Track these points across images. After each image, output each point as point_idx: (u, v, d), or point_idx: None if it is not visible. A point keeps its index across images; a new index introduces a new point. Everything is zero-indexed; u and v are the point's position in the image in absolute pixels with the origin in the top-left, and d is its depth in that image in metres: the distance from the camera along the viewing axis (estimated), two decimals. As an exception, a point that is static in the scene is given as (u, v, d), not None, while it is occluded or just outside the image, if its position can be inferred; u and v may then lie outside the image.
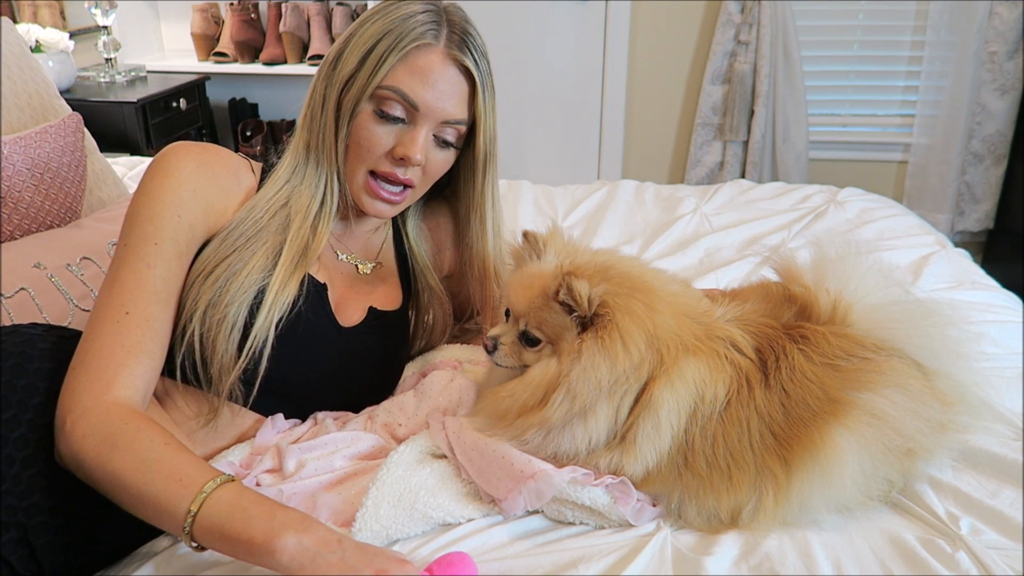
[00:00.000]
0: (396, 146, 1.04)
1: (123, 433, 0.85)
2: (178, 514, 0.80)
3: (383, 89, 1.02)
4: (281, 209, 1.05)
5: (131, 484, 0.83)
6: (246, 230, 1.02)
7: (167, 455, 0.84)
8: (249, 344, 0.99)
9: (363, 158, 1.05)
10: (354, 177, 1.07)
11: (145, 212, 0.98)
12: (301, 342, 1.04)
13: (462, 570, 0.81)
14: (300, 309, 1.03)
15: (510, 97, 3.45)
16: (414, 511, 0.91)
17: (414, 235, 1.24)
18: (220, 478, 0.82)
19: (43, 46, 2.66)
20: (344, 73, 1.04)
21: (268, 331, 1.00)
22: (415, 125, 1.04)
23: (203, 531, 0.80)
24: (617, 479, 0.92)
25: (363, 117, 1.04)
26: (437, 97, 1.03)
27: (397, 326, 1.19)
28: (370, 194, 1.08)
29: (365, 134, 1.04)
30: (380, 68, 1.01)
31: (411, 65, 1.02)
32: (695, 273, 1.64)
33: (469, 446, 0.96)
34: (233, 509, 0.79)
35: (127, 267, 0.96)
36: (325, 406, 1.12)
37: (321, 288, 1.09)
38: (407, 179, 1.07)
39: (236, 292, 0.98)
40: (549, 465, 0.92)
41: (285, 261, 1.03)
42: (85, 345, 0.93)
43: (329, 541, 0.76)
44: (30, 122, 1.63)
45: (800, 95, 3.14)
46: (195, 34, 3.41)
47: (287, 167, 1.08)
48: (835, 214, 1.91)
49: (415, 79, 1.02)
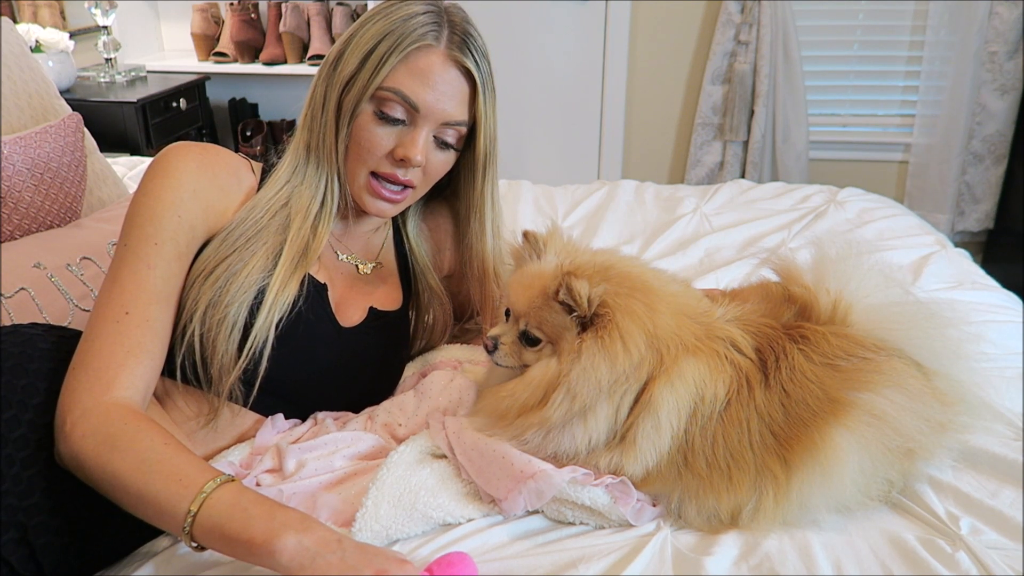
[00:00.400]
0: (396, 147, 1.04)
1: (123, 433, 0.85)
2: (178, 514, 0.80)
3: (383, 90, 1.02)
4: (281, 209, 1.05)
5: (131, 484, 0.83)
6: (246, 230, 1.02)
7: (167, 455, 0.84)
8: (249, 344, 0.99)
9: (364, 159, 1.05)
10: (355, 178, 1.07)
11: (145, 212, 0.98)
12: (301, 342, 1.04)
13: (462, 570, 0.81)
14: (300, 309, 1.03)
15: (510, 97, 3.45)
16: (414, 511, 0.91)
17: (414, 235, 1.24)
18: (220, 478, 0.82)
19: (43, 46, 2.66)
20: (345, 74, 1.03)
21: (268, 331, 1.00)
22: (415, 126, 1.04)
23: (203, 531, 0.80)
24: (617, 479, 0.92)
25: (363, 118, 1.04)
26: (437, 98, 1.03)
27: (397, 326, 1.19)
28: (372, 194, 1.08)
29: (365, 135, 1.04)
30: (380, 69, 1.01)
31: (412, 66, 1.02)
32: (695, 273, 1.64)
33: (469, 446, 0.96)
34: (233, 509, 0.79)
35: (127, 267, 0.96)
36: (325, 406, 1.12)
37: (321, 288, 1.09)
38: (407, 180, 1.07)
39: (236, 292, 0.98)
40: (549, 465, 0.92)
41: (285, 261, 1.03)
42: (85, 345, 0.93)
43: (329, 541, 0.76)
44: (30, 122, 1.63)
45: (800, 95, 3.14)
46: (195, 34, 3.41)
47: (287, 167, 1.07)
48: (835, 214, 1.91)
49: (416, 80, 1.02)
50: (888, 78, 3.25)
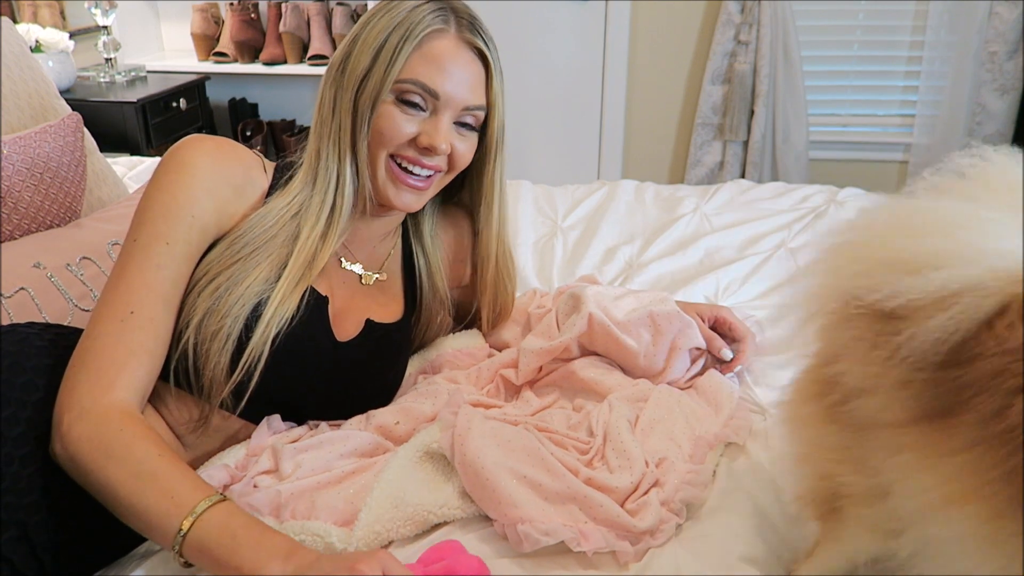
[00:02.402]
0: (420, 135, 1.03)
1: (119, 441, 0.85)
2: (168, 532, 0.81)
3: (401, 82, 1.01)
4: (291, 220, 1.04)
5: (123, 495, 0.83)
6: (254, 238, 1.01)
7: (161, 469, 0.84)
8: (244, 358, 0.97)
9: (384, 144, 1.04)
10: (377, 167, 1.05)
11: (158, 208, 0.97)
12: (295, 356, 1.03)
13: (453, 558, 0.81)
14: (297, 323, 1.01)
15: (510, 97, 3.44)
16: (412, 511, 0.91)
17: (429, 244, 1.23)
18: (212, 498, 0.82)
19: (43, 46, 2.66)
20: (357, 73, 1.03)
21: (264, 346, 0.98)
22: (437, 114, 1.04)
23: (192, 551, 0.80)
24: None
25: (383, 108, 1.03)
26: (456, 84, 1.03)
27: (395, 339, 1.17)
28: (396, 183, 1.06)
29: (387, 123, 1.03)
30: (396, 61, 1.01)
31: (426, 53, 1.02)
32: (695, 273, 1.64)
33: (468, 460, 0.93)
34: (222, 533, 0.79)
35: (135, 265, 0.95)
36: (319, 417, 1.11)
37: (322, 301, 1.07)
38: (434, 164, 1.06)
39: (234, 305, 0.97)
40: (538, 512, 0.87)
41: (289, 274, 1.01)
42: (87, 342, 0.92)
43: (311, 563, 0.77)
44: (30, 122, 1.63)
45: (800, 95, 3.14)
46: (195, 34, 3.41)
47: (300, 179, 1.06)
48: (835, 214, 1.91)
49: (432, 67, 1.02)
50: (888, 78, 3.25)
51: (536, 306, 1.32)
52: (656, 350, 1.18)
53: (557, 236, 1.85)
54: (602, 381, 1.15)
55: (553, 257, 1.75)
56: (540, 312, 1.29)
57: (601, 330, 1.17)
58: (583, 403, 1.15)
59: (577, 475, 0.93)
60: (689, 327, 1.19)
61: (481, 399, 1.13)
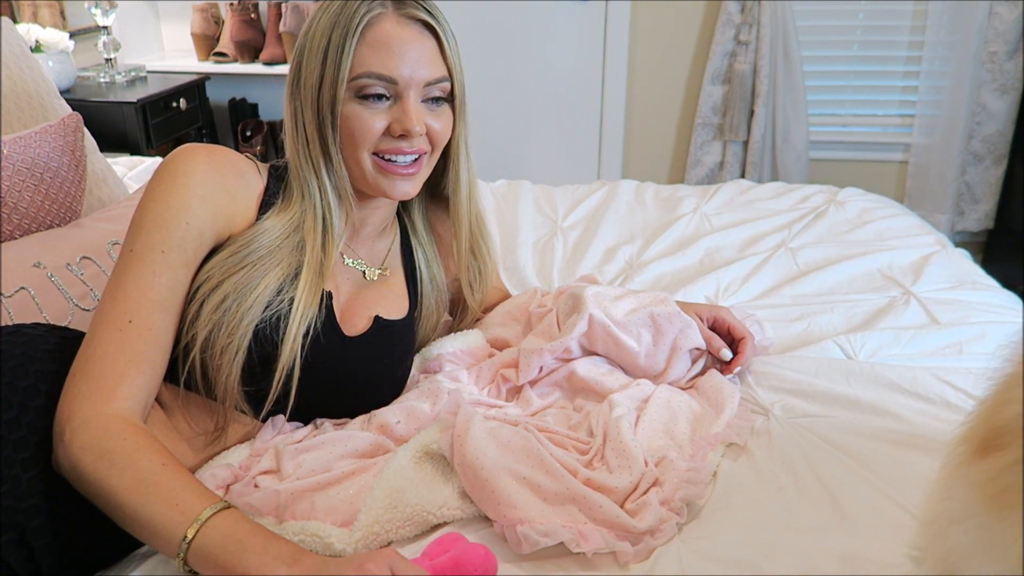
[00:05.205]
0: (392, 124, 1.03)
1: (121, 450, 0.85)
2: (173, 540, 0.81)
3: (356, 79, 1.01)
4: (295, 232, 1.05)
5: (127, 504, 0.83)
6: (258, 248, 1.01)
7: (164, 477, 0.84)
8: (277, 376, 0.99)
9: (360, 144, 1.04)
10: (361, 167, 1.05)
11: (153, 218, 0.97)
12: (305, 353, 1.03)
13: (458, 548, 0.81)
14: (310, 323, 1.03)
15: (510, 97, 3.46)
16: (412, 511, 0.91)
17: (425, 238, 1.23)
18: (216, 505, 0.82)
19: (43, 46, 2.66)
20: (312, 82, 1.02)
21: (294, 364, 1.00)
22: (401, 98, 1.03)
23: (197, 559, 0.80)
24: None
25: (346, 109, 1.02)
26: (411, 64, 1.02)
27: (403, 336, 1.17)
28: (386, 175, 1.06)
29: (355, 123, 1.02)
30: (344, 58, 1.00)
31: (372, 42, 1.01)
32: (695, 273, 1.64)
33: (467, 461, 0.93)
34: (228, 540, 0.80)
35: (132, 274, 0.95)
36: (327, 414, 1.11)
37: (327, 298, 1.08)
38: (416, 148, 1.05)
39: (243, 319, 0.98)
40: (538, 512, 0.88)
41: (304, 286, 1.02)
42: (87, 351, 0.92)
43: (318, 568, 0.77)
44: (30, 122, 1.63)
45: (800, 95, 3.14)
46: (195, 34, 3.40)
47: (295, 195, 1.07)
48: (835, 214, 1.91)
49: (382, 53, 1.00)
50: (888, 78, 3.25)
51: (537, 305, 1.32)
52: (657, 350, 1.18)
53: (557, 236, 1.85)
54: (603, 381, 1.16)
55: (553, 257, 1.75)
56: (541, 312, 1.29)
57: (601, 330, 1.17)
58: (583, 403, 1.15)
59: (576, 476, 0.93)
60: (689, 327, 1.19)
61: (481, 399, 1.13)
